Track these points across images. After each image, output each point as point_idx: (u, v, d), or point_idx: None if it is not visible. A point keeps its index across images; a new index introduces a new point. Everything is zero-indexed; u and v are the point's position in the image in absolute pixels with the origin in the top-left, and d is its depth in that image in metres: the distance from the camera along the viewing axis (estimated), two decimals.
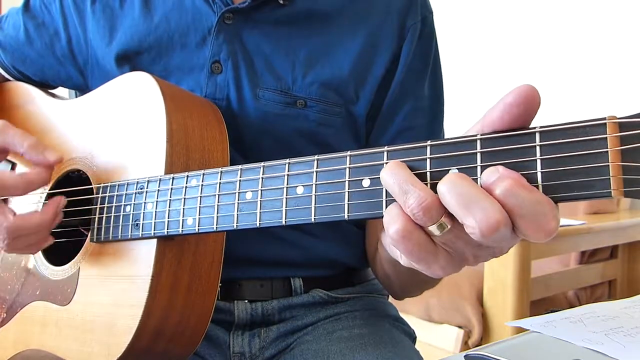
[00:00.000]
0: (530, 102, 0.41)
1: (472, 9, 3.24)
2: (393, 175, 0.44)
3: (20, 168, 0.85)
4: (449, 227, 0.43)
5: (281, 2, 0.80)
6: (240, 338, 0.83)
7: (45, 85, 0.94)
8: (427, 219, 0.42)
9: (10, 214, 0.68)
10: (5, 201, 0.79)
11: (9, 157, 0.86)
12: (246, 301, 0.83)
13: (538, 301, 2.11)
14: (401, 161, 0.45)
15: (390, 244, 0.47)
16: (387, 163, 0.46)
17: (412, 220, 0.43)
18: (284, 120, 0.81)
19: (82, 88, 0.91)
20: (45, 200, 0.80)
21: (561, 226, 2.15)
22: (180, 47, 0.82)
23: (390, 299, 0.97)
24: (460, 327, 2.14)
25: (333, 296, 0.87)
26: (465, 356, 0.63)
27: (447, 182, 0.42)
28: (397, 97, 0.84)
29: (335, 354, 0.77)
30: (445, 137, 0.58)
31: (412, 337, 0.92)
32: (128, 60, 0.83)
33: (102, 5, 0.85)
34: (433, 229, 0.43)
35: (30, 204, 0.80)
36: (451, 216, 0.42)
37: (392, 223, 0.44)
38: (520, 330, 0.75)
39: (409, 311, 2.24)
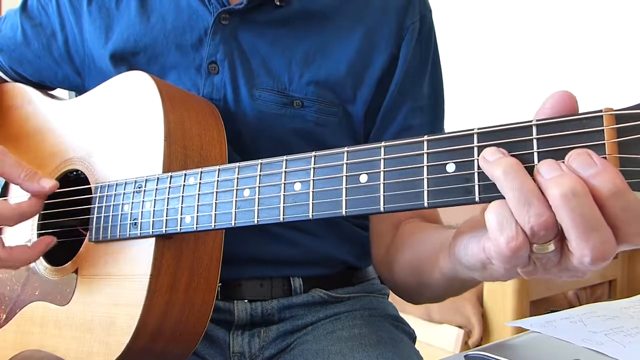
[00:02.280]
0: (567, 108, 0.41)
1: (471, 7, 3.24)
2: (516, 179, 0.40)
3: None
4: (554, 249, 0.40)
5: (277, 3, 0.80)
6: (240, 338, 0.83)
7: (43, 86, 0.94)
8: (541, 237, 0.40)
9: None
10: None
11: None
12: (246, 301, 0.83)
13: (538, 301, 2.11)
14: (398, 156, 0.45)
15: (486, 248, 0.44)
16: (498, 155, 0.41)
17: (525, 234, 0.40)
18: (281, 120, 0.81)
19: (79, 88, 0.91)
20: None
21: None
22: (177, 48, 0.82)
23: (390, 299, 0.97)
24: (460, 327, 2.13)
25: (333, 296, 0.87)
26: (465, 356, 0.63)
27: (570, 195, 0.37)
28: (397, 97, 0.84)
29: (335, 353, 0.77)
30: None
31: (412, 337, 0.92)
32: (124, 61, 0.83)
33: (98, 6, 0.85)
34: (538, 247, 0.41)
35: None
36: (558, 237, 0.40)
37: (505, 233, 0.40)
38: (520, 330, 0.75)
39: (409, 311, 2.23)
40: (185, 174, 0.62)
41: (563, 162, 0.39)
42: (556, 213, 0.38)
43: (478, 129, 0.43)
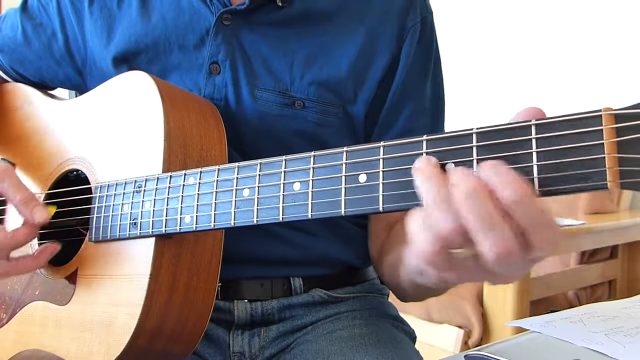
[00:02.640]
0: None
1: (472, 9, 3.24)
2: (433, 187, 0.42)
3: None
4: (470, 252, 0.42)
5: (279, 4, 0.80)
6: (240, 338, 0.83)
7: (44, 86, 0.94)
8: (454, 241, 0.41)
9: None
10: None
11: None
12: (246, 301, 0.83)
13: (538, 301, 2.11)
14: (397, 156, 0.45)
15: (414, 255, 0.45)
16: (424, 164, 0.43)
17: (440, 239, 0.42)
18: (282, 120, 0.81)
19: (81, 88, 0.91)
20: (43, 200, 0.80)
21: (561, 226, 2.15)
22: (178, 48, 0.82)
23: (390, 299, 0.97)
24: (460, 327, 2.14)
25: (333, 296, 0.87)
26: (465, 356, 0.63)
27: (472, 196, 0.39)
28: (399, 99, 0.84)
29: (335, 353, 0.77)
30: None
31: (412, 336, 0.92)
32: (126, 61, 0.83)
33: (100, 6, 0.85)
34: (454, 251, 0.42)
35: None
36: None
37: (422, 238, 0.42)
38: (520, 330, 0.75)
39: (409, 311, 2.23)
40: (185, 174, 0.62)
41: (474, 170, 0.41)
42: (461, 215, 0.40)
43: (477, 128, 0.43)
